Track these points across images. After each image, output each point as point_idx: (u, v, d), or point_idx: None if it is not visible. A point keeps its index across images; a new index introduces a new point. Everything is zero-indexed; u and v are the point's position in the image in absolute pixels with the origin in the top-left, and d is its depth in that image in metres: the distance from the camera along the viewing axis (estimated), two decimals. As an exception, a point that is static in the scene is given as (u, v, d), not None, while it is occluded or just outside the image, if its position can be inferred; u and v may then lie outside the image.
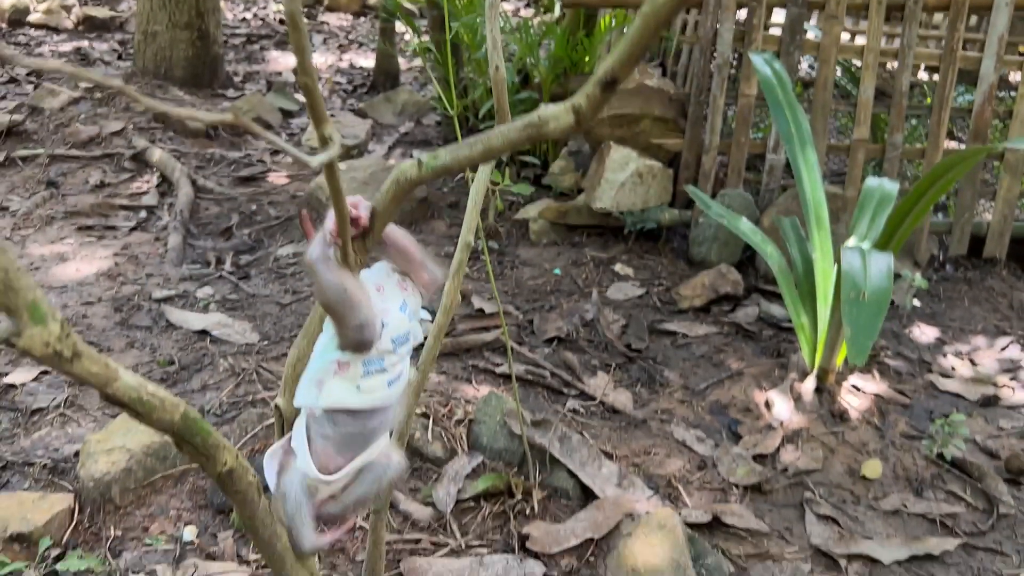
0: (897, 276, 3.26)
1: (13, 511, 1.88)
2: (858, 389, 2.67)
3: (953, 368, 2.90)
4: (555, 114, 0.83)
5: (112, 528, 1.94)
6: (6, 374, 2.55)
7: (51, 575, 1.77)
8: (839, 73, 4.20)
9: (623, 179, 3.50)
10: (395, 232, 1.10)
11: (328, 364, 1.08)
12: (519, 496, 2.09)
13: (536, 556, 1.92)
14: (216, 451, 1.02)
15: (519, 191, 2.17)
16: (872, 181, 2.73)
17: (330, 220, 1.03)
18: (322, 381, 1.08)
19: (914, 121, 4.35)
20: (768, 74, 2.85)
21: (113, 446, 2.06)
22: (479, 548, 1.95)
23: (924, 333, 3.14)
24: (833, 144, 3.59)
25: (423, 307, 1.18)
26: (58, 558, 1.81)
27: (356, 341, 1.02)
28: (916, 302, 3.24)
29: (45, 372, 2.58)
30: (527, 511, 2.06)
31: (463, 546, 1.95)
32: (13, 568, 1.71)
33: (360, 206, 1.04)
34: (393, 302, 1.10)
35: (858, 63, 3.64)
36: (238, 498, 1.10)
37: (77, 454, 2.16)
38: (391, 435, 1.24)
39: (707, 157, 3.56)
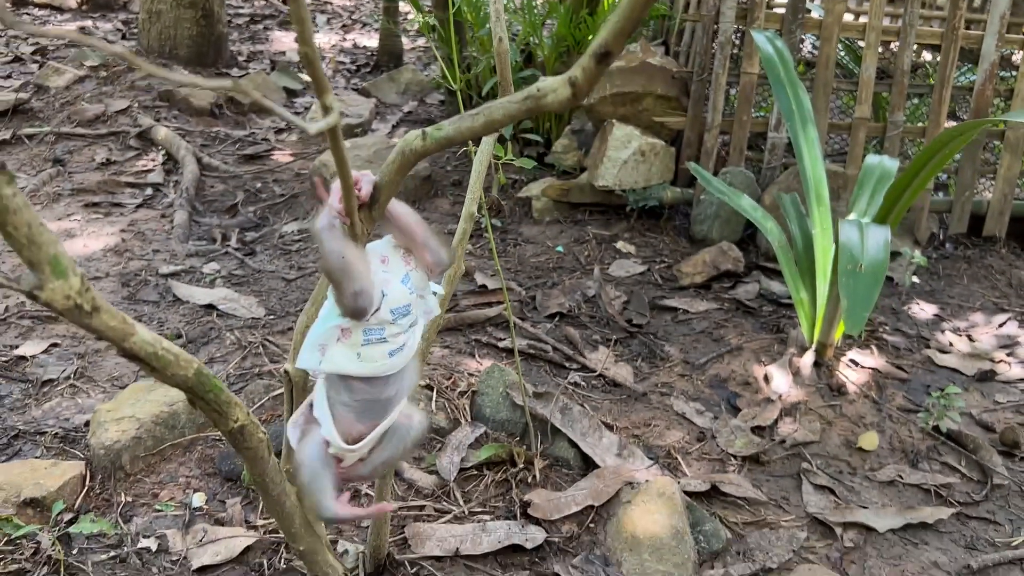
0: (897, 254, 3.29)
1: (26, 477, 1.92)
2: (856, 364, 2.70)
3: (951, 344, 2.93)
4: (553, 86, 0.87)
5: (123, 494, 1.98)
6: (17, 346, 2.59)
7: (64, 538, 1.82)
8: (841, 52, 4.20)
9: (625, 157, 3.52)
10: (401, 210, 1.13)
11: (331, 330, 1.11)
12: (521, 465, 2.13)
13: (537, 522, 1.96)
14: (228, 407, 1.05)
15: (522, 164, 2.19)
16: (872, 159, 2.75)
17: (335, 194, 1.06)
18: (325, 346, 1.12)
19: (916, 100, 4.35)
20: (770, 52, 2.86)
21: (123, 415, 2.11)
22: (482, 515, 1.99)
23: (923, 310, 3.17)
24: (834, 122, 3.60)
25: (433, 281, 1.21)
26: (70, 522, 1.86)
27: (352, 308, 1.06)
28: (915, 279, 3.27)
29: (55, 344, 2.63)
30: (529, 479, 2.10)
31: (466, 513, 1.99)
32: (27, 531, 1.76)
33: (363, 180, 1.07)
34: (396, 274, 1.13)
35: (861, 42, 3.65)
36: (249, 454, 1.14)
37: (87, 424, 2.20)
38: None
39: (709, 135, 3.57)
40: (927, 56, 5.18)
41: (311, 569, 1.38)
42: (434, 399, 2.33)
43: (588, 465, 2.18)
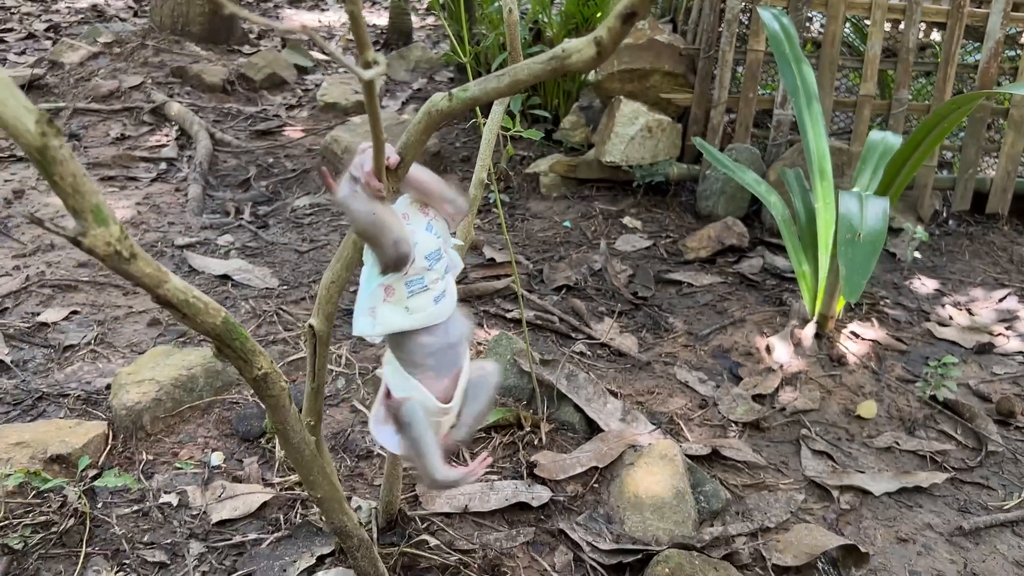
0: (900, 230, 3.34)
1: (52, 435, 2.00)
2: (857, 336, 2.76)
3: (951, 317, 2.98)
4: (578, 47, 0.92)
5: (144, 453, 2.06)
6: (38, 313, 2.67)
7: (89, 492, 1.90)
8: (850, 32, 4.23)
9: (633, 133, 3.57)
10: (415, 170, 1.19)
11: (375, 291, 1.17)
12: (528, 429, 2.20)
13: (543, 482, 2.03)
14: (253, 356, 1.12)
15: (529, 136, 2.25)
16: (875, 135, 2.79)
17: (356, 160, 1.13)
18: (374, 309, 1.18)
19: (923, 80, 4.38)
20: (776, 29, 2.90)
21: (143, 378, 2.18)
22: (490, 475, 2.06)
23: (924, 285, 3.21)
24: (840, 100, 3.63)
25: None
26: (95, 477, 1.93)
27: (394, 257, 1.12)
28: (917, 254, 3.32)
29: (75, 312, 2.70)
30: (535, 442, 2.17)
31: (474, 473, 2.06)
32: (55, 484, 1.83)
33: (386, 148, 1.14)
34: (418, 224, 1.20)
35: (868, 20, 3.67)
36: (271, 402, 1.20)
37: (108, 387, 2.28)
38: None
39: (715, 112, 3.61)
40: (936, 36, 5.20)
41: (327, 517, 1.46)
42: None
43: (593, 429, 2.25)
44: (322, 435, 1.48)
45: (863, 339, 2.74)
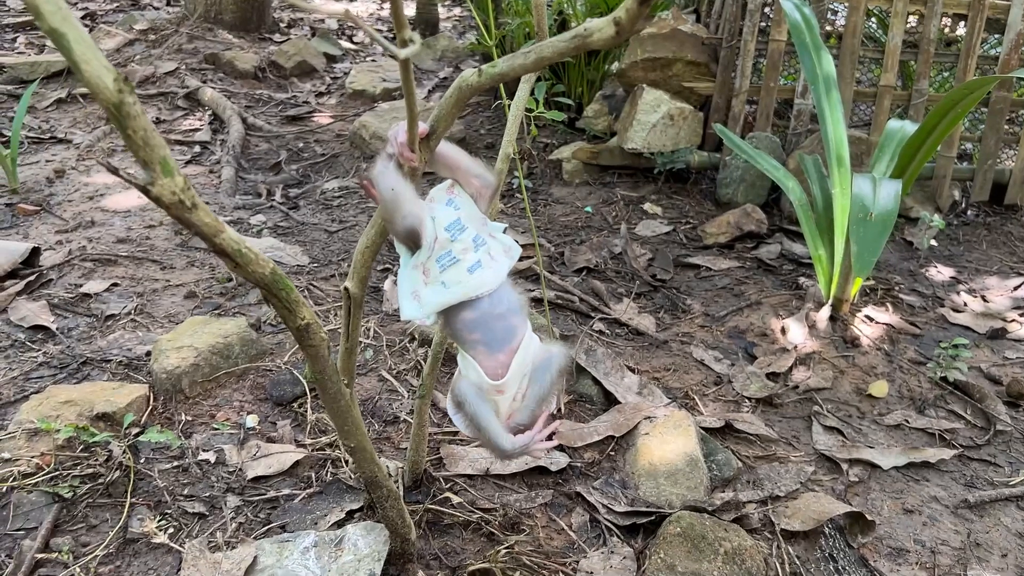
0: (917, 219, 3.38)
1: (97, 395, 2.12)
2: (871, 319, 2.82)
3: (965, 304, 3.03)
4: (599, 26, 1.00)
5: (183, 414, 2.17)
6: (81, 285, 2.79)
7: (133, 448, 2.01)
8: (873, 24, 4.27)
9: (655, 120, 3.64)
10: (444, 146, 1.27)
11: (413, 275, 1.25)
12: (547, 399, 2.29)
13: (561, 449, 2.12)
14: (297, 306, 1.21)
15: (552, 117, 2.33)
16: (894, 123, 2.85)
17: (390, 134, 1.23)
18: (416, 292, 1.25)
19: (946, 75, 4.40)
20: (797, 19, 2.96)
21: (182, 344, 2.29)
22: (510, 441, 2.15)
23: (940, 272, 3.26)
24: (860, 90, 3.68)
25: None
26: (138, 435, 2.05)
27: (403, 230, 1.21)
28: (933, 242, 3.36)
29: (115, 284, 2.82)
30: (554, 412, 2.26)
31: (496, 439, 2.15)
32: (102, 438, 1.95)
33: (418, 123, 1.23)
34: (440, 201, 1.28)
35: (889, 11, 3.71)
36: (311, 351, 1.30)
37: (148, 353, 2.39)
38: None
39: (737, 101, 3.68)
40: (961, 31, 5.21)
41: (359, 466, 1.55)
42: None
43: (610, 402, 2.33)
44: (355, 393, 1.57)
45: (877, 323, 2.80)
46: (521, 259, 3.14)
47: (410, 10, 7.17)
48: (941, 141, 2.36)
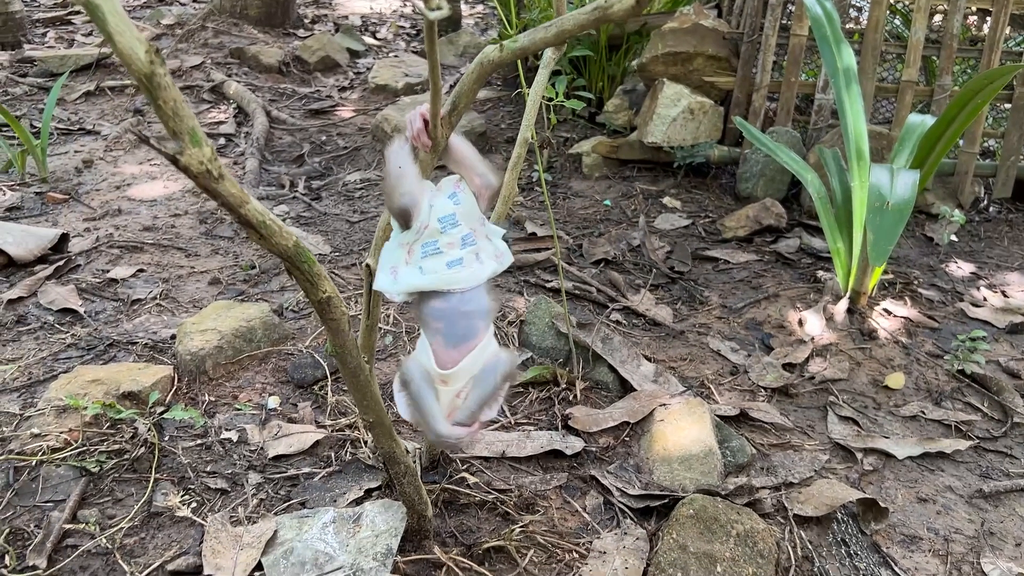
0: (938, 216, 3.38)
1: (124, 375, 2.17)
2: (889, 313, 2.82)
3: (985, 299, 3.02)
4: (620, -2, 1.03)
5: (206, 395, 2.21)
6: (108, 270, 2.85)
7: (158, 426, 2.06)
8: (899, 23, 4.25)
9: (675, 114, 3.65)
10: (456, 139, 1.32)
11: (398, 252, 1.29)
12: (563, 385, 2.32)
13: (577, 434, 2.14)
14: (319, 279, 1.25)
15: (571, 106, 2.36)
16: (915, 117, 2.85)
17: (408, 118, 1.28)
18: (395, 268, 1.29)
19: (969, 71, 4.38)
20: (818, 12, 2.96)
21: (206, 328, 2.34)
22: (526, 426, 2.18)
23: (960, 268, 3.25)
24: (882, 85, 3.67)
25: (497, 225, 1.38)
26: (162, 414, 2.09)
27: (398, 207, 1.24)
28: (954, 238, 3.35)
29: (141, 270, 2.88)
30: (570, 398, 2.29)
31: (512, 423, 2.18)
32: (128, 415, 2.00)
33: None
34: (444, 192, 1.31)
35: (912, 6, 3.71)
36: (332, 325, 1.33)
37: (173, 336, 2.44)
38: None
39: (757, 95, 3.68)
40: (987, 29, 5.17)
41: (377, 441, 1.59)
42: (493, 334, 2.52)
43: (626, 390, 2.36)
44: (374, 370, 1.61)
45: (895, 316, 2.80)
46: (539, 251, 3.17)
47: (433, 7, 7.22)
48: (961, 133, 2.36)
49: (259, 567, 1.64)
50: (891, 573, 1.81)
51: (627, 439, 2.15)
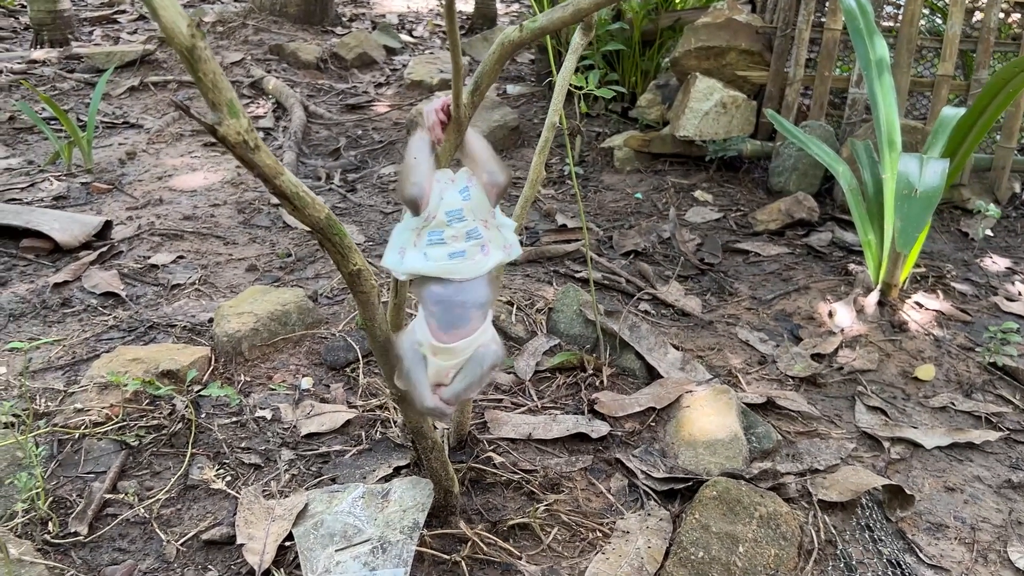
0: (972, 211, 3.35)
1: (163, 355, 2.24)
2: (921, 306, 2.80)
3: (1020, 293, 2.99)
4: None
5: (242, 375, 2.27)
6: (149, 257, 2.93)
7: (195, 404, 2.12)
8: (939, 20, 4.21)
9: (707, 108, 3.66)
10: (471, 135, 1.38)
11: (407, 235, 1.34)
12: (590, 371, 2.34)
13: (603, 418, 2.17)
14: (350, 252, 1.29)
15: (601, 95, 2.38)
16: (949, 110, 2.83)
17: (426, 110, 1.34)
18: (403, 250, 1.34)
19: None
20: (852, 5, 2.95)
21: (243, 311, 2.40)
22: (553, 410, 2.21)
23: (995, 263, 3.22)
24: (917, 79, 3.65)
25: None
26: (199, 392, 2.16)
27: (407, 195, 1.30)
28: (989, 232, 3.32)
29: (181, 257, 2.96)
30: (597, 384, 2.31)
31: (539, 407, 2.22)
32: (166, 392, 2.06)
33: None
34: (456, 185, 1.35)
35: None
36: (362, 298, 1.38)
37: (211, 320, 2.51)
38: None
39: (791, 89, 3.67)
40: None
41: (405, 415, 1.63)
42: (513, 313, 2.56)
43: (652, 377, 2.37)
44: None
45: (927, 309, 2.79)
46: (569, 242, 3.20)
47: (469, 5, 7.28)
48: (992, 122, 2.35)
49: (290, 538, 1.69)
50: (916, 559, 1.81)
51: (653, 424, 2.17)
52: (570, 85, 3.17)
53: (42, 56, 5.28)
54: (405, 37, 6.22)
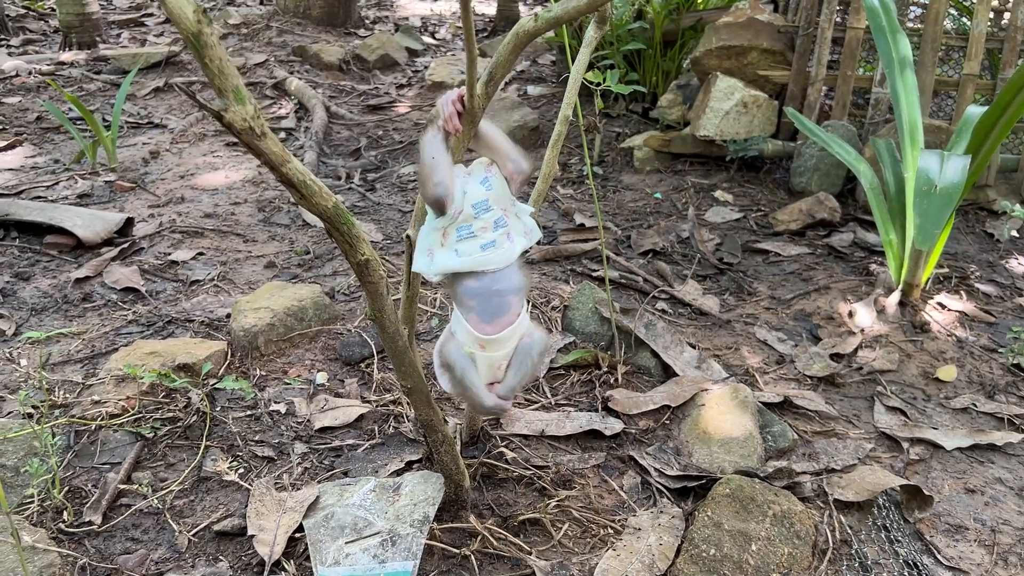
0: (997, 213, 3.30)
1: (180, 348, 2.25)
2: (943, 306, 2.76)
3: (1046, 295, 2.94)
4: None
5: (258, 369, 2.29)
6: (170, 253, 2.96)
7: (210, 397, 2.13)
8: (967, 22, 4.16)
9: (727, 108, 3.63)
10: (487, 126, 1.39)
11: (433, 236, 1.37)
12: (605, 369, 2.33)
13: (616, 415, 2.15)
14: (357, 242, 1.29)
15: (618, 91, 2.37)
16: (973, 109, 2.78)
17: (439, 103, 1.36)
18: (431, 251, 1.37)
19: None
20: (875, 3, 2.92)
21: (260, 306, 2.42)
22: (566, 407, 2.20)
23: (1021, 264, 3.17)
24: (942, 78, 3.60)
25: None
26: (214, 385, 2.17)
27: (433, 196, 1.32)
28: (1015, 233, 3.27)
29: (201, 253, 2.98)
30: (611, 381, 2.30)
31: (552, 404, 2.21)
32: (181, 384, 2.08)
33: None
34: (476, 177, 1.38)
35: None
36: (370, 288, 1.38)
37: (228, 315, 2.53)
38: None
39: (813, 89, 3.64)
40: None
41: (415, 408, 1.63)
42: (528, 311, 2.55)
43: (668, 375, 2.36)
44: (414, 339, 1.65)
45: (949, 310, 2.75)
46: (587, 241, 3.19)
47: (491, 8, 7.29)
48: (1017, 119, 2.31)
49: (300, 530, 1.70)
50: (934, 561, 1.78)
51: (667, 422, 2.15)
52: (587, 81, 3.17)
53: (70, 58, 5.36)
54: (427, 39, 6.24)
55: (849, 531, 1.82)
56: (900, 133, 2.71)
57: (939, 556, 1.79)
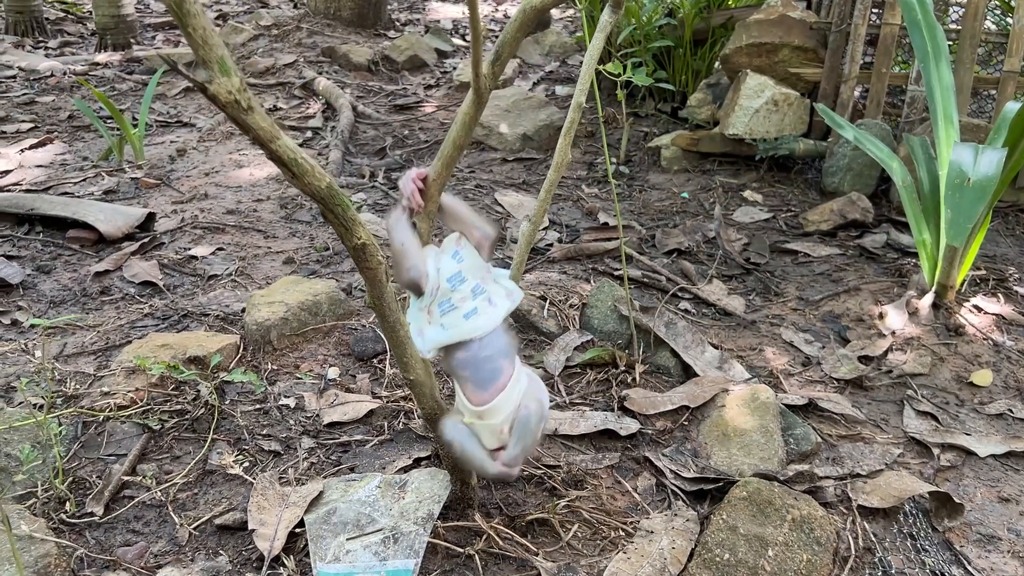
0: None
1: (192, 341, 2.24)
2: (979, 309, 2.65)
3: (1089, 299, 2.81)
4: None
5: (269, 363, 2.26)
6: (189, 248, 2.96)
7: (219, 390, 2.11)
8: (1003, 16, 4.03)
9: (757, 106, 3.55)
10: (450, 199, 1.46)
11: (419, 316, 1.41)
12: (622, 368, 2.26)
13: (633, 416, 2.09)
14: (353, 225, 1.25)
15: (639, 82, 2.31)
16: (1012, 105, 2.68)
17: (401, 184, 1.43)
18: (421, 330, 1.41)
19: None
20: (910, -4, 2.83)
21: (274, 300, 2.39)
22: (581, 406, 2.14)
23: (1064, 267, 3.04)
24: (981, 76, 3.48)
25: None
26: (224, 378, 2.15)
27: (407, 280, 1.37)
28: (1056, 234, 3.14)
29: (220, 249, 2.97)
30: (628, 380, 2.23)
31: (567, 403, 2.15)
32: (190, 376, 2.06)
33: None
34: (447, 252, 1.42)
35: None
36: (369, 275, 1.33)
37: (243, 309, 2.50)
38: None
39: (845, 87, 3.54)
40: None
41: (419, 401, 1.58)
42: (546, 308, 2.49)
43: (688, 375, 2.29)
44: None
45: (986, 312, 2.64)
46: (610, 239, 3.13)
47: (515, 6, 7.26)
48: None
49: (302, 525, 1.66)
50: (963, 572, 1.69)
51: (686, 423, 2.08)
52: (608, 73, 3.10)
53: (104, 59, 5.43)
54: (457, 41, 6.23)
55: (873, 539, 1.73)
56: (935, 130, 2.62)
57: (969, 567, 1.70)
